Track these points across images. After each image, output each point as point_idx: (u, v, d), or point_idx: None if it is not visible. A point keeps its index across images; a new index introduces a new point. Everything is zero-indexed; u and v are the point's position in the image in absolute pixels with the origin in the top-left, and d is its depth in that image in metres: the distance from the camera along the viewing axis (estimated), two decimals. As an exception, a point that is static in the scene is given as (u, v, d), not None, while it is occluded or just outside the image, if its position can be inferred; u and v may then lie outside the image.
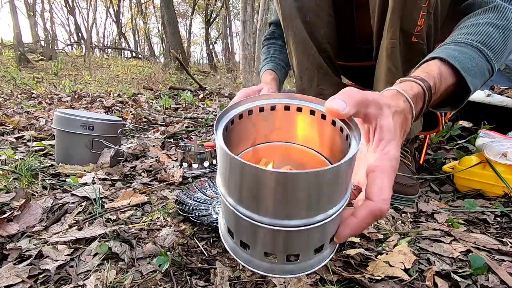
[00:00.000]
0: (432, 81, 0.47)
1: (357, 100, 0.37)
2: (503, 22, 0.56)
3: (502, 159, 0.78)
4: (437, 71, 0.49)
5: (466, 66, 0.50)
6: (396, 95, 0.43)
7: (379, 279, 0.46)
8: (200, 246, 0.56)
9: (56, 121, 1.05)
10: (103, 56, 13.75)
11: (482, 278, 0.47)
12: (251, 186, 0.34)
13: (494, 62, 0.54)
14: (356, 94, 0.37)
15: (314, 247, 0.38)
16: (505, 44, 0.55)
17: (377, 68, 0.82)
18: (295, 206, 0.34)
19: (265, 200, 0.34)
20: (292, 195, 0.33)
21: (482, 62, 0.52)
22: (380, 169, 0.37)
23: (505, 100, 1.24)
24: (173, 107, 2.79)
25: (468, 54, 0.52)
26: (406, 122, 0.42)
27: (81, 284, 0.47)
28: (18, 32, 8.38)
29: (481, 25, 0.56)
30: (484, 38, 0.54)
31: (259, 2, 6.64)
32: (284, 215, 0.35)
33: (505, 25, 0.56)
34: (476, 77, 0.51)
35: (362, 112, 0.38)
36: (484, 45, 0.53)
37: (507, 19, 0.57)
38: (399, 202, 0.75)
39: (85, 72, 7.71)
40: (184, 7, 20.68)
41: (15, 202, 0.73)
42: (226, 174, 0.36)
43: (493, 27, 0.55)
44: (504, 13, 0.57)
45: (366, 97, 0.37)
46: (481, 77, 0.53)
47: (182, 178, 0.94)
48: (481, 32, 0.55)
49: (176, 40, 9.27)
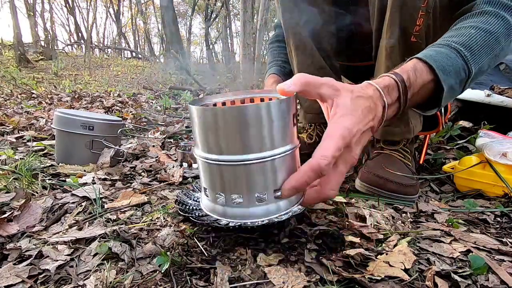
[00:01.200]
0: (405, 74, 0.51)
1: (303, 81, 0.45)
2: (486, 26, 0.58)
3: (502, 159, 0.78)
4: (411, 66, 0.52)
5: (440, 64, 0.52)
6: (367, 85, 0.49)
7: (379, 279, 0.46)
8: (200, 246, 0.56)
9: (56, 121, 1.05)
10: (103, 56, 13.74)
11: (482, 278, 0.47)
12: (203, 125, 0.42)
13: (471, 62, 0.55)
14: (303, 77, 0.45)
15: (255, 191, 0.43)
16: (486, 46, 0.57)
17: (377, 67, 0.82)
18: (231, 140, 0.40)
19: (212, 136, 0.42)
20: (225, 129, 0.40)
21: (458, 62, 0.54)
22: (328, 135, 0.43)
23: (505, 100, 1.24)
24: (173, 107, 2.79)
25: (445, 54, 0.54)
26: (376, 107, 0.47)
27: (81, 284, 0.47)
28: (18, 32, 8.37)
29: (464, 28, 0.59)
30: (464, 39, 0.56)
31: (259, 2, 6.63)
32: (226, 150, 0.41)
33: (487, 29, 0.58)
34: (450, 75, 0.53)
35: (313, 92, 0.46)
36: (463, 46, 0.55)
37: (490, 23, 0.58)
38: (399, 202, 0.75)
39: (85, 72, 7.71)
40: (184, 7, 20.67)
41: (15, 202, 0.73)
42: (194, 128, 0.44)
43: (475, 29, 0.57)
44: (488, 18, 0.59)
45: (316, 80, 0.45)
46: (456, 76, 0.55)
47: (182, 178, 0.94)
48: (463, 34, 0.57)
49: (176, 40, 9.26)
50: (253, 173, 0.42)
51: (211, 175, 0.45)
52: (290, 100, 0.43)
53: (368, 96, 0.47)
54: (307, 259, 0.52)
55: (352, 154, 0.45)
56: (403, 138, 0.86)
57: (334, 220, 0.66)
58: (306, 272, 0.49)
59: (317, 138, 1.08)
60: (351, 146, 0.45)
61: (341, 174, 0.46)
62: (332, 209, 0.71)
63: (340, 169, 0.46)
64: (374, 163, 0.83)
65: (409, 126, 0.83)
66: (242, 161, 0.41)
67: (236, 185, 0.44)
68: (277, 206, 0.46)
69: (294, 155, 0.47)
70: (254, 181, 0.43)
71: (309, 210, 0.70)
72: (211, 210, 0.49)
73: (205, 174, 0.46)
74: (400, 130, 0.84)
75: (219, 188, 0.46)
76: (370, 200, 0.76)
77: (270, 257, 0.53)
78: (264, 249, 0.56)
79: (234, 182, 0.43)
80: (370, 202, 0.75)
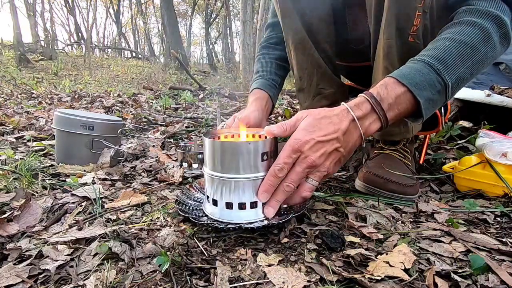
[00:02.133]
0: (374, 90, 0.60)
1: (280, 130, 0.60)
2: (461, 37, 0.62)
3: (502, 159, 0.78)
4: (381, 83, 0.61)
5: (413, 81, 0.59)
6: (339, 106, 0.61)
7: (379, 279, 0.46)
8: (200, 246, 0.56)
9: (56, 121, 1.05)
10: (103, 56, 13.75)
11: (482, 278, 0.47)
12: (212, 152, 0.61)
13: (444, 74, 0.60)
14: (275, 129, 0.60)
15: (241, 200, 0.60)
16: (462, 56, 0.61)
17: (374, 68, 0.82)
18: (225, 163, 0.59)
19: (215, 159, 0.61)
20: (220, 155, 0.60)
21: (431, 75, 0.60)
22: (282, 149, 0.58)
23: (505, 100, 1.24)
24: (173, 107, 2.79)
25: (417, 70, 0.60)
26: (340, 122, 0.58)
27: (81, 284, 0.47)
28: (18, 32, 8.38)
29: (441, 40, 0.63)
30: (437, 53, 0.61)
31: (259, 2, 6.64)
32: (222, 169, 0.60)
33: (462, 40, 0.61)
34: (424, 89, 0.59)
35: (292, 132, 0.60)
36: (436, 59, 0.60)
37: (465, 33, 0.62)
38: (399, 202, 0.75)
39: (85, 72, 7.71)
40: (184, 7, 20.68)
41: (15, 202, 0.73)
42: (206, 153, 0.63)
43: (450, 41, 0.62)
44: (465, 28, 0.63)
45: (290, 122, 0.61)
46: (432, 89, 0.60)
47: (182, 178, 0.94)
48: (438, 47, 0.62)
49: (176, 40, 9.26)
50: (240, 187, 0.60)
51: (212, 186, 0.63)
52: (258, 143, 0.58)
53: (332, 114, 0.58)
54: (307, 259, 0.52)
55: (307, 159, 0.56)
56: (402, 138, 0.86)
57: (334, 220, 0.66)
58: (306, 272, 0.49)
59: None
60: (303, 152, 0.56)
61: (296, 172, 0.58)
62: (332, 209, 0.71)
63: (296, 169, 0.57)
64: (374, 163, 0.83)
65: (408, 126, 0.83)
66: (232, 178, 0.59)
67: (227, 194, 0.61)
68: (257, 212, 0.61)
69: None
70: (241, 192, 0.60)
71: (309, 210, 0.70)
72: (211, 213, 0.63)
73: (209, 185, 0.64)
74: (399, 130, 0.84)
75: (218, 196, 0.62)
76: (370, 200, 0.76)
77: (270, 257, 0.53)
78: (264, 249, 0.56)
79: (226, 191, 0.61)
80: (370, 202, 0.75)
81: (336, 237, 0.56)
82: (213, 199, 0.63)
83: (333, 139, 0.57)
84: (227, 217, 0.60)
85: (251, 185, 0.60)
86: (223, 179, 0.60)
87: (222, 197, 0.61)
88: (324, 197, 0.76)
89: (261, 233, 0.61)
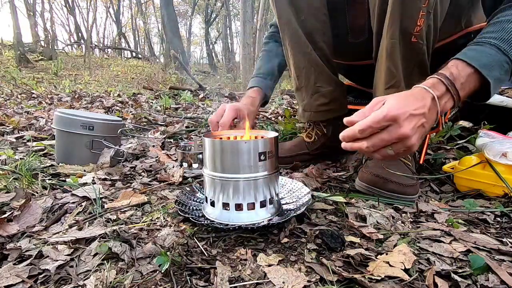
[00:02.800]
0: (447, 71, 0.61)
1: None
2: None
3: (502, 159, 0.78)
4: (451, 63, 0.62)
5: (481, 63, 0.61)
6: (413, 88, 0.61)
7: (379, 279, 0.46)
8: (200, 246, 0.56)
9: (56, 121, 1.05)
10: (103, 56, 13.74)
11: (482, 278, 0.47)
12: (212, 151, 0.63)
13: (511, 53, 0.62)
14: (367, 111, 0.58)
15: (240, 200, 0.61)
16: None
17: (377, 67, 0.82)
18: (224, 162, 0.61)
19: (215, 159, 0.62)
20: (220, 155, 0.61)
21: (499, 56, 0.62)
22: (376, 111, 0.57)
23: (505, 100, 1.24)
24: (173, 107, 2.79)
25: (483, 51, 0.62)
26: (423, 99, 0.58)
27: (81, 284, 0.47)
28: (18, 32, 8.38)
29: (499, 23, 0.65)
30: (501, 35, 0.63)
31: (259, 2, 6.64)
32: (221, 169, 0.61)
33: None
34: (493, 69, 0.61)
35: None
36: (501, 41, 0.62)
37: None
38: (399, 202, 0.75)
39: (85, 72, 7.71)
40: (184, 7, 20.68)
41: (15, 202, 0.73)
42: (206, 154, 0.64)
43: (510, 23, 0.64)
44: None
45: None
46: (500, 69, 0.62)
47: (182, 178, 0.94)
48: (499, 29, 0.64)
49: (176, 40, 9.26)
50: (240, 187, 0.61)
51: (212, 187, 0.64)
52: (257, 142, 0.60)
53: (414, 92, 0.59)
54: (307, 259, 0.52)
55: (400, 129, 0.54)
56: None
57: (334, 220, 0.66)
58: (306, 272, 0.49)
59: (316, 137, 1.07)
60: (397, 122, 0.54)
61: (382, 139, 0.55)
62: (332, 209, 0.71)
63: (383, 136, 0.55)
64: (374, 163, 0.83)
65: None
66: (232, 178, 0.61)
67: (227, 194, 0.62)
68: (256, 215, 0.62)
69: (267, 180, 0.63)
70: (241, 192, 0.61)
71: (309, 210, 0.70)
72: (210, 214, 0.64)
73: (209, 186, 0.65)
74: None
75: (217, 197, 0.63)
76: (370, 200, 0.76)
77: (270, 257, 0.53)
78: (264, 249, 0.56)
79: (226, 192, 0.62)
80: (370, 202, 0.75)
81: (336, 237, 0.56)
82: (211, 200, 0.64)
83: (422, 114, 0.57)
84: (226, 219, 0.61)
85: (251, 185, 0.61)
86: (222, 180, 0.61)
87: (221, 198, 0.62)
88: (324, 197, 0.76)
89: (261, 233, 0.61)
